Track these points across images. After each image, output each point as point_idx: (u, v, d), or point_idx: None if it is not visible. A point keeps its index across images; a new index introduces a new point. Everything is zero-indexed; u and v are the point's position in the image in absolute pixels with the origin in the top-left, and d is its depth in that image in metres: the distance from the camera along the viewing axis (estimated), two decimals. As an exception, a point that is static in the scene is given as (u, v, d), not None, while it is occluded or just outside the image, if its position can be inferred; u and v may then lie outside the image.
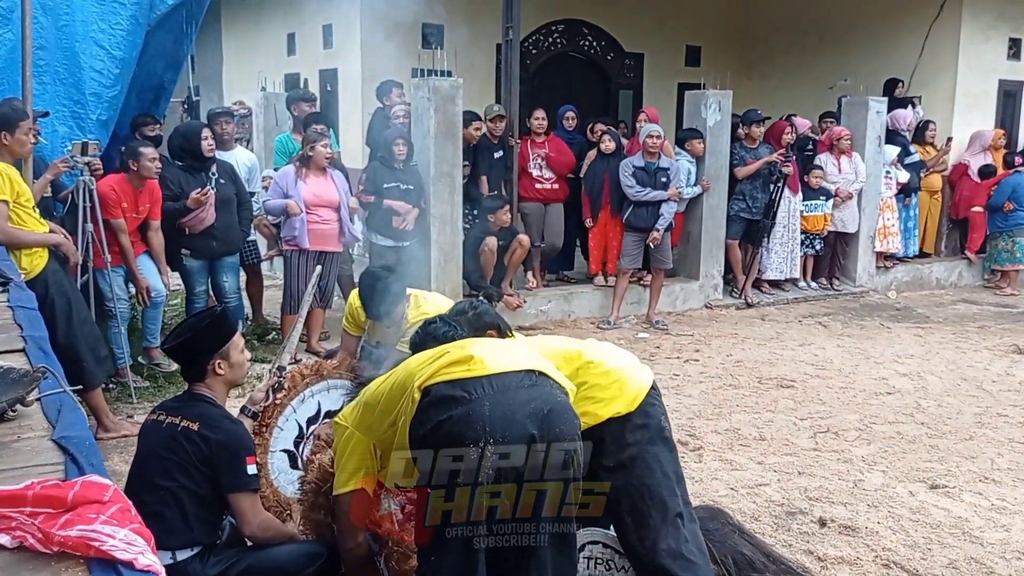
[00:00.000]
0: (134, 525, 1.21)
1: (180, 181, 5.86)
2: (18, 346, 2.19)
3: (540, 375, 2.44)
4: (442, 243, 7.20)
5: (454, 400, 2.29)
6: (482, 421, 2.24)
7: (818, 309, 8.68)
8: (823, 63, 11.26)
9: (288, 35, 11.27)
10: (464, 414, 2.26)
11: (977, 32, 10.08)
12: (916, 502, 4.25)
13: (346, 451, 2.60)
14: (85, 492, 1.25)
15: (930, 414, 5.56)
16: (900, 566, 3.63)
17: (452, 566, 2.32)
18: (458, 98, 7.17)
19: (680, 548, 2.60)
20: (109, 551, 1.14)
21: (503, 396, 2.31)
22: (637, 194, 7.40)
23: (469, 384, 2.32)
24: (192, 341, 2.85)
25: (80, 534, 1.17)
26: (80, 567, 1.13)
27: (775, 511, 4.13)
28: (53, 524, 1.19)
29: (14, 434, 1.60)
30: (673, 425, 5.09)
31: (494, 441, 2.23)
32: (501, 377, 2.36)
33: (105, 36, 5.56)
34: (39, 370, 1.75)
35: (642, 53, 12.00)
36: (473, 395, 2.29)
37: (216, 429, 2.72)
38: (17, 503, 1.23)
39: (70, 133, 5.46)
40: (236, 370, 2.92)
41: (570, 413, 2.40)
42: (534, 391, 2.37)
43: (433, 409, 2.30)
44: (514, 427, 2.25)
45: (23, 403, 1.67)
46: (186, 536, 2.68)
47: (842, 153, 8.92)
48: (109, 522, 1.20)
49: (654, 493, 2.61)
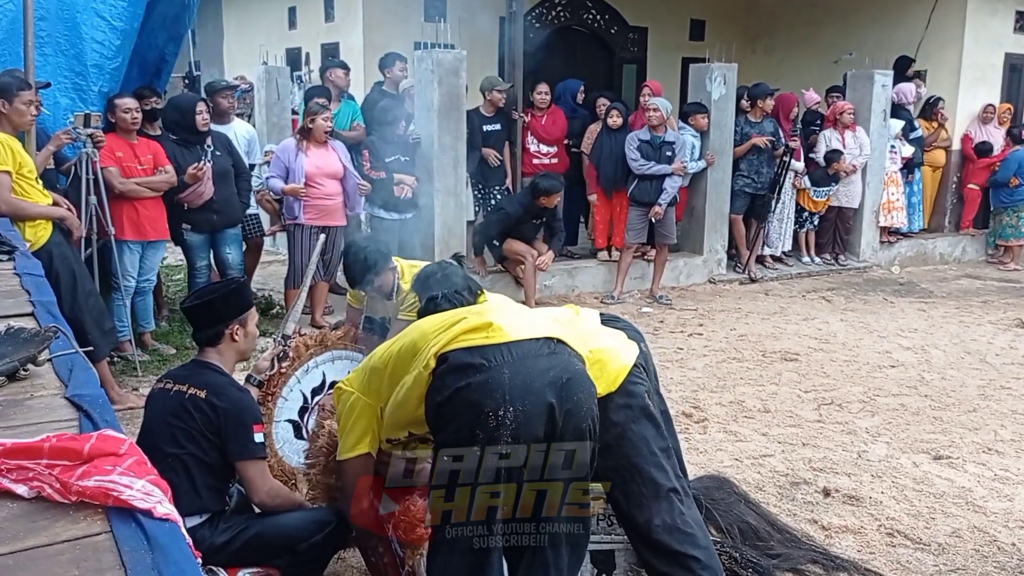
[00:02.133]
0: (151, 476, 1.21)
1: (175, 155, 5.83)
2: (27, 310, 2.19)
3: (558, 343, 2.42)
4: (445, 216, 7.19)
5: (473, 367, 2.27)
6: (501, 389, 2.23)
7: (822, 284, 8.67)
8: (828, 36, 11.17)
9: (289, 8, 11.19)
10: (483, 381, 2.25)
11: (984, 5, 9.99)
12: (920, 472, 4.27)
13: (352, 416, 2.58)
14: (101, 445, 1.25)
15: (934, 387, 5.57)
16: (904, 534, 3.65)
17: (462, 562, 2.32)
18: (461, 71, 7.12)
19: (675, 522, 2.59)
20: (128, 500, 1.14)
21: (522, 364, 2.29)
22: (641, 168, 7.37)
23: (488, 351, 2.30)
24: (217, 302, 2.87)
25: (98, 484, 1.17)
26: (99, 516, 1.13)
27: (779, 481, 4.15)
28: (71, 475, 1.20)
29: (27, 392, 1.60)
30: (677, 397, 5.17)
31: (513, 409, 2.21)
32: (520, 344, 2.34)
33: (106, 7, 5.50)
34: (50, 330, 1.75)
35: (646, 27, 11.91)
36: (492, 362, 2.28)
37: (223, 397, 2.73)
38: (34, 455, 1.23)
39: (72, 105, 5.42)
40: (249, 340, 2.93)
41: (587, 382, 2.39)
42: (553, 359, 2.36)
43: (451, 376, 2.29)
44: (533, 395, 2.24)
45: (35, 363, 1.67)
46: (195, 503, 2.69)
47: (846, 128, 8.87)
48: (126, 473, 1.20)
49: (643, 471, 2.60)
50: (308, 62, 10.79)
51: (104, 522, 1.12)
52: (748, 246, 8.67)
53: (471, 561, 2.31)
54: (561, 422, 2.28)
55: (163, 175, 5.61)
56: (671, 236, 7.78)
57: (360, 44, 9.65)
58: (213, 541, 2.70)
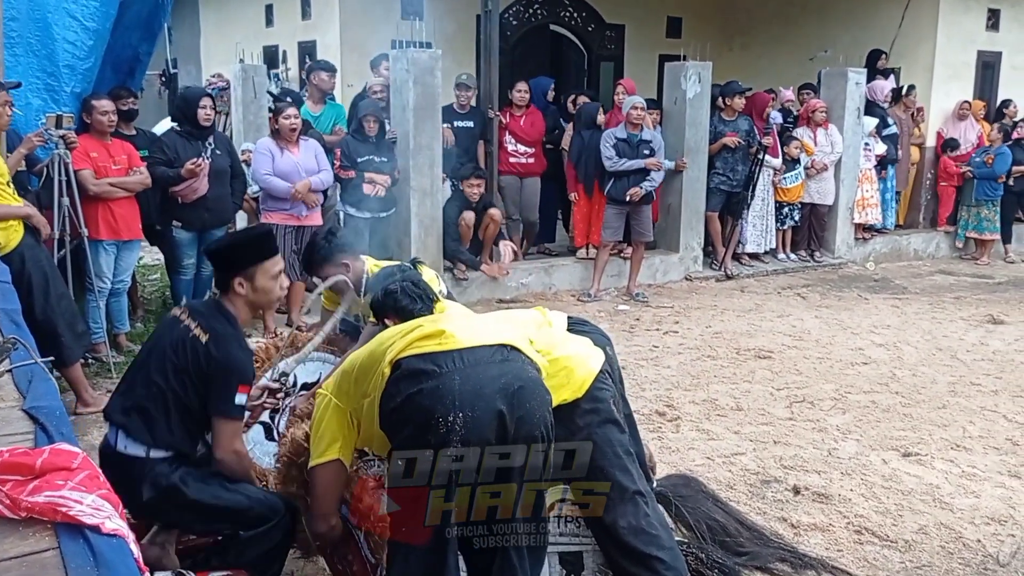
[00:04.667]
0: (102, 491, 1.22)
1: (176, 147, 5.84)
2: (-11, 319, 2.19)
3: (512, 350, 2.43)
4: (422, 216, 7.20)
5: (424, 373, 2.29)
6: (451, 395, 2.24)
7: (797, 281, 8.74)
8: (804, 34, 11.25)
9: (266, 6, 11.14)
10: (434, 387, 2.26)
11: (956, 3, 10.11)
12: (889, 470, 4.32)
13: (323, 420, 2.56)
14: (53, 459, 1.26)
15: (905, 383, 5.64)
16: (871, 532, 3.70)
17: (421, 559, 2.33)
18: (437, 70, 7.13)
19: (640, 523, 2.63)
20: (76, 516, 1.15)
21: (473, 370, 2.31)
22: (615, 165, 7.39)
23: (440, 358, 2.32)
24: (228, 250, 2.92)
25: (47, 500, 1.18)
26: (47, 532, 1.14)
27: (750, 480, 4.19)
28: (21, 491, 1.20)
29: (-16, 404, 1.60)
30: (651, 396, 5.21)
31: (463, 415, 2.22)
32: (472, 351, 2.36)
33: (78, 7, 5.46)
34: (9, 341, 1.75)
35: (623, 24, 11.94)
36: (444, 368, 2.29)
37: (222, 348, 2.71)
38: (-15, 470, 1.24)
39: (44, 106, 5.38)
40: (260, 295, 2.86)
41: (541, 389, 2.40)
42: (505, 366, 2.37)
43: (404, 382, 2.30)
44: (483, 401, 2.25)
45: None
46: (164, 438, 2.67)
47: (818, 125, 8.95)
48: (77, 488, 1.21)
49: (608, 473, 2.63)
50: (285, 60, 10.76)
51: (52, 538, 1.13)
52: (724, 243, 8.72)
53: (429, 561, 2.33)
54: (512, 429, 2.29)
55: (137, 176, 5.59)
56: (647, 234, 7.82)
57: (337, 42, 9.64)
58: (169, 480, 2.66)
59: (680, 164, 8.16)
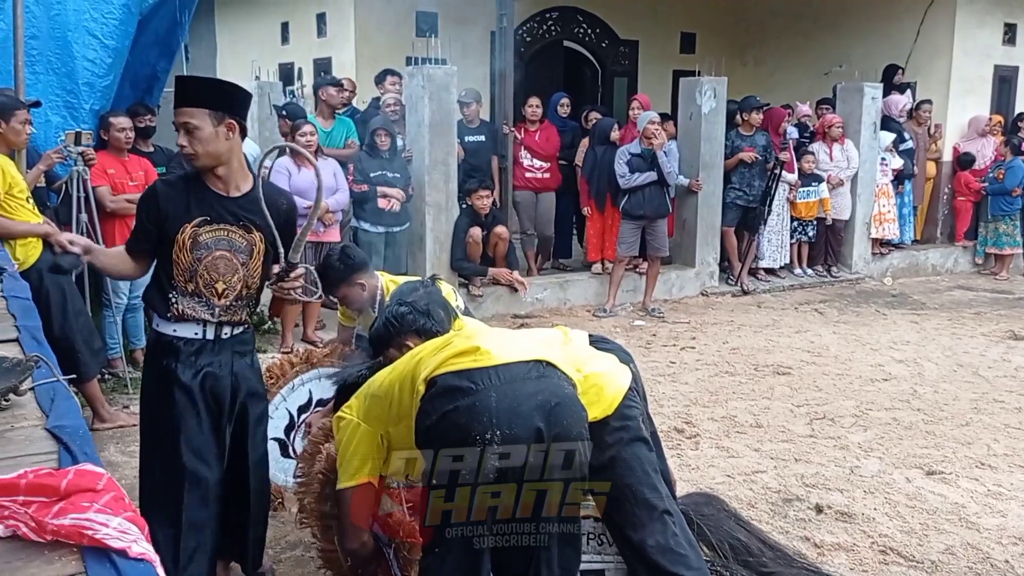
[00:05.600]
0: (128, 514, 1.20)
1: None
2: (12, 336, 2.18)
3: (548, 366, 2.41)
4: (437, 231, 7.21)
5: (460, 391, 2.26)
6: (488, 412, 2.21)
7: (814, 296, 8.68)
8: (818, 48, 11.23)
9: (282, 24, 11.22)
10: (470, 405, 2.23)
11: (972, 17, 10.07)
12: (912, 488, 4.26)
13: (352, 444, 2.53)
14: (78, 481, 1.24)
15: (926, 400, 5.57)
16: (897, 552, 3.64)
17: (454, 566, 2.31)
18: (452, 87, 7.15)
19: (668, 542, 2.60)
20: (102, 539, 1.13)
21: (510, 387, 2.28)
22: (628, 182, 7.37)
23: (476, 375, 2.29)
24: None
25: (73, 523, 1.16)
26: (74, 556, 1.12)
27: (772, 498, 4.14)
28: (46, 513, 1.18)
29: (7, 423, 1.59)
30: (670, 412, 5.17)
31: (500, 433, 2.20)
32: (508, 368, 2.33)
33: (98, 25, 5.52)
34: (32, 359, 1.74)
35: (636, 40, 11.97)
36: (479, 385, 2.26)
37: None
38: (10, 492, 1.22)
39: (63, 123, 5.43)
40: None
41: (577, 406, 2.38)
42: (541, 383, 2.34)
43: (439, 400, 2.27)
44: (520, 419, 2.23)
45: (16, 392, 1.66)
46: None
47: (834, 141, 8.91)
48: (103, 511, 1.19)
49: (637, 492, 2.61)
50: (301, 77, 10.81)
51: (79, 562, 1.11)
52: (740, 258, 8.68)
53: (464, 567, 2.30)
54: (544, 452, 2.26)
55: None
56: (663, 249, 7.78)
57: (352, 59, 9.68)
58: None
59: (694, 185, 8.13)
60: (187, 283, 2.76)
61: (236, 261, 2.80)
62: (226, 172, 2.76)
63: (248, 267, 2.83)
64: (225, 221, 2.78)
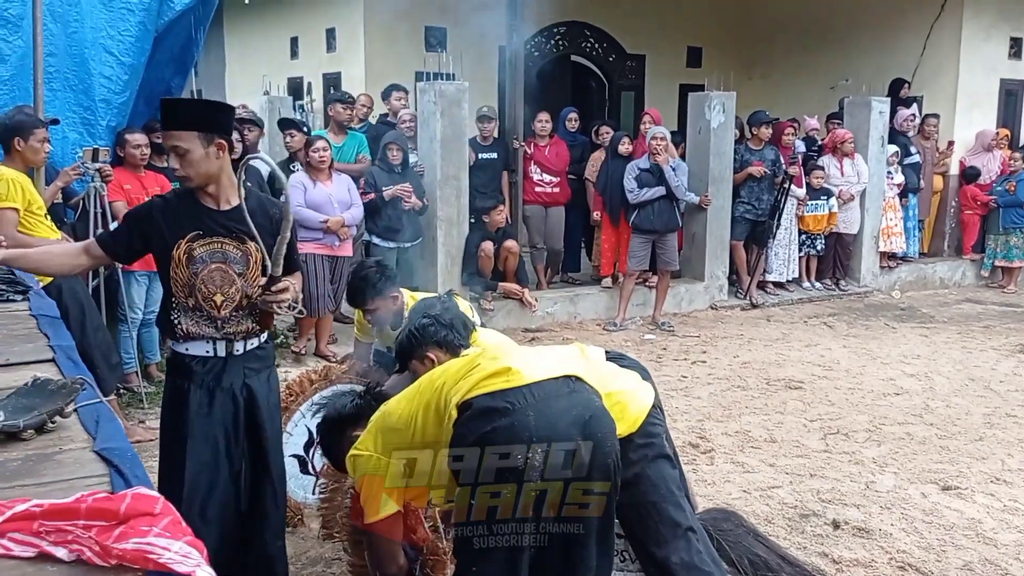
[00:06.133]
0: (187, 538, 1.22)
1: None
2: (47, 356, 2.21)
3: (577, 380, 2.44)
4: (448, 246, 7.24)
5: (497, 411, 2.27)
6: (527, 431, 2.23)
7: (823, 310, 8.70)
8: (825, 63, 11.28)
9: (291, 38, 11.29)
10: (508, 424, 2.25)
11: (978, 31, 10.11)
12: (929, 504, 4.26)
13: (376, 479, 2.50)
14: (136, 504, 1.26)
15: (939, 415, 5.58)
16: (915, 568, 3.65)
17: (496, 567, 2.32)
18: (464, 102, 7.20)
19: (693, 559, 2.61)
20: (167, 563, 1.15)
21: (545, 405, 2.30)
22: (636, 197, 7.40)
23: (511, 394, 2.30)
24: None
25: (136, 547, 1.18)
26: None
27: (788, 513, 4.14)
28: (107, 537, 1.20)
29: (55, 446, 1.61)
30: (683, 427, 5.18)
31: (541, 450, 2.22)
32: (541, 385, 2.35)
33: (114, 42, 5.57)
34: (77, 381, 1.77)
35: (643, 54, 12.04)
36: (517, 405, 2.28)
37: None
38: (71, 516, 1.24)
39: (80, 139, 5.48)
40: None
41: (608, 418, 2.41)
42: (573, 398, 2.38)
43: (474, 422, 2.28)
44: (558, 435, 2.26)
45: (62, 415, 1.69)
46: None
47: (844, 155, 8.94)
48: (162, 534, 1.21)
49: (661, 509, 2.62)
50: (310, 91, 10.88)
51: (145, 586, 1.13)
52: (749, 272, 8.70)
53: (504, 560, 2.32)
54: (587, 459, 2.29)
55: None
56: (673, 263, 7.81)
57: (362, 74, 9.74)
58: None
59: (704, 201, 8.16)
60: (187, 298, 2.82)
61: (232, 272, 2.85)
62: (215, 189, 2.83)
63: (246, 277, 2.87)
64: (218, 234, 2.84)
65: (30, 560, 1.19)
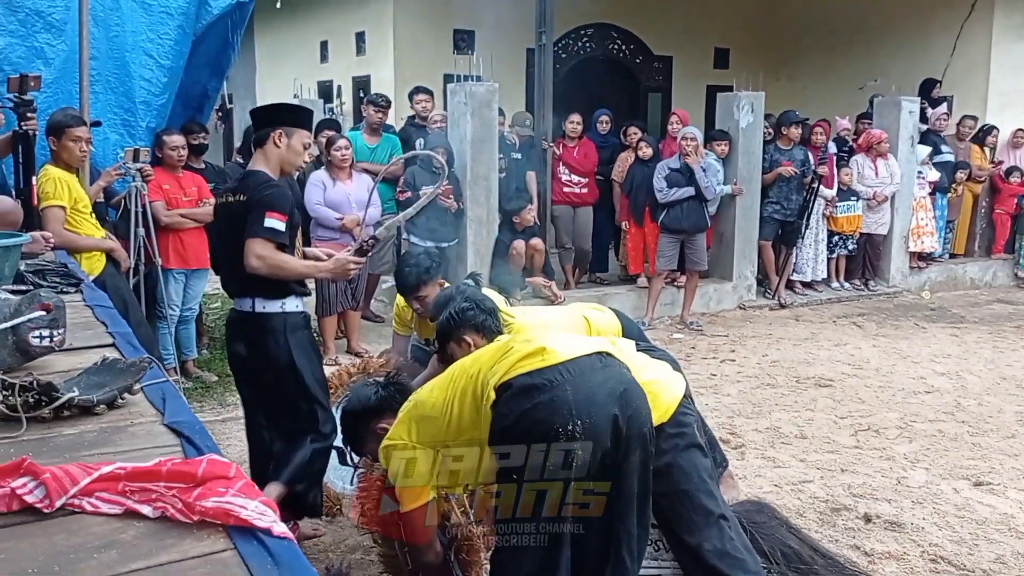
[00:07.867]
0: (262, 498, 1.29)
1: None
2: (107, 341, 2.30)
3: (608, 356, 2.53)
4: (478, 245, 7.32)
5: (536, 388, 2.35)
6: (567, 405, 2.31)
7: (852, 309, 8.68)
8: (853, 63, 11.26)
9: (321, 42, 11.45)
10: (548, 400, 2.33)
11: (1009, 30, 10.06)
12: (960, 499, 4.27)
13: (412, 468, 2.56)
14: (212, 468, 1.34)
15: (970, 412, 5.57)
16: (948, 561, 3.67)
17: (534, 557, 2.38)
18: (494, 103, 7.28)
19: (725, 547, 2.66)
20: (248, 519, 1.22)
21: (582, 380, 2.38)
22: (665, 196, 7.44)
23: (548, 372, 2.38)
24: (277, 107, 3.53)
25: (216, 504, 1.26)
26: (220, 534, 1.22)
27: (820, 507, 4.17)
28: (189, 496, 1.28)
29: (127, 420, 1.69)
30: (713, 424, 5.20)
31: (581, 423, 2.29)
32: (575, 362, 2.43)
33: (154, 46, 5.70)
34: (144, 360, 1.85)
35: (670, 56, 12.08)
36: (555, 381, 2.36)
37: (255, 191, 3.20)
38: (154, 478, 1.32)
39: (121, 140, 5.60)
40: (291, 153, 3.33)
41: (640, 390, 2.49)
42: (607, 372, 2.46)
43: (515, 401, 2.36)
44: (597, 407, 2.33)
45: (130, 392, 1.77)
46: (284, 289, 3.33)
47: (879, 156, 8.92)
48: (239, 495, 1.29)
49: (693, 497, 2.68)
50: (340, 94, 11.01)
51: (227, 540, 1.20)
52: (777, 272, 8.71)
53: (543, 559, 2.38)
54: (625, 429, 2.37)
55: (206, 207, 5.76)
56: (702, 263, 7.83)
57: (391, 77, 9.86)
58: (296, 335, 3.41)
59: (736, 190, 8.19)
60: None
61: None
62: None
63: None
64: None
65: (118, 516, 1.27)
